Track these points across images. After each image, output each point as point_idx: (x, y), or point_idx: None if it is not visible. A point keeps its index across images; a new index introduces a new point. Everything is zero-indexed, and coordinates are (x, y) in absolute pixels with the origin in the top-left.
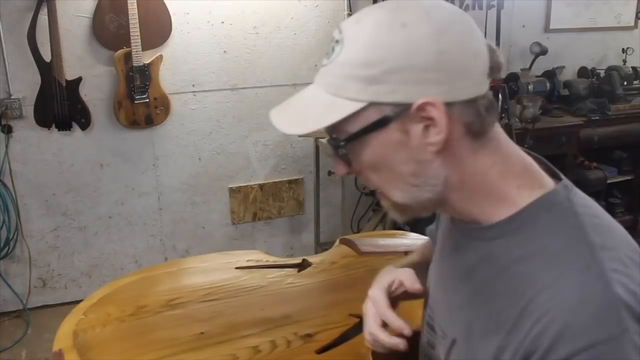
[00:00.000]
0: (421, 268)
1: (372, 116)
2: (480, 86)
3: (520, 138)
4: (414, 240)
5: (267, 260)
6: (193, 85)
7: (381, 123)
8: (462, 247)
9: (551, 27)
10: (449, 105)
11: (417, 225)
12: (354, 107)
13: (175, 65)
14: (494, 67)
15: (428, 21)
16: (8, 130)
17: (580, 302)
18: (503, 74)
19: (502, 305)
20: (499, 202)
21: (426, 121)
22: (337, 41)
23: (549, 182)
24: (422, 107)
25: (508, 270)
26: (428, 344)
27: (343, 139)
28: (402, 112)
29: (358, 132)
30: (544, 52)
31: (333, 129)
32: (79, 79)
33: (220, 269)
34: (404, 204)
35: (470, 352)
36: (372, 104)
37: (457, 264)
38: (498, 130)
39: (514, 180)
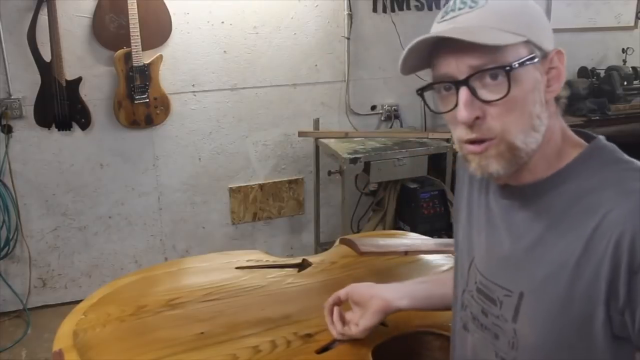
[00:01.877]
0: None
1: (524, 52)
2: None
3: None
4: (413, 240)
5: (267, 260)
6: (193, 85)
7: (531, 59)
8: (517, 208)
9: (551, 27)
10: None
11: (417, 226)
12: (518, 39)
13: (175, 65)
14: None
15: (535, 4)
16: (8, 130)
17: None
18: None
19: (568, 241)
20: (559, 159)
21: (551, 71)
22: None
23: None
24: (553, 57)
25: (570, 209)
26: (482, 313)
27: (509, 64)
28: (542, 56)
29: (521, 60)
30: None
31: (486, 62)
32: (79, 79)
33: (220, 269)
34: (519, 147)
35: (541, 299)
36: (528, 42)
37: (513, 225)
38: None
39: (570, 143)
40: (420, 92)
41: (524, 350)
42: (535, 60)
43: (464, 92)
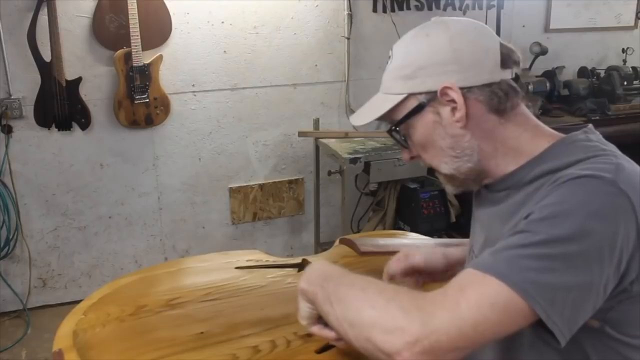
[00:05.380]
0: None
1: (412, 104)
2: (493, 74)
3: None
4: (413, 240)
5: (267, 260)
6: (193, 85)
7: (418, 108)
8: (503, 197)
9: (551, 27)
10: (467, 89)
11: (417, 226)
12: (398, 99)
13: (175, 65)
14: (505, 60)
15: (445, 30)
16: (8, 130)
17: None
18: (521, 66)
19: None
20: (528, 152)
21: (451, 104)
22: (389, 56)
23: None
24: (444, 91)
25: (536, 190)
26: None
27: (394, 124)
28: (432, 98)
29: (403, 117)
30: (544, 52)
31: (389, 121)
32: (79, 79)
33: (220, 269)
34: (451, 174)
35: None
36: (410, 95)
37: (499, 213)
38: (526, 111)
39: (544, 139)
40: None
41: None
42: (424, 107)
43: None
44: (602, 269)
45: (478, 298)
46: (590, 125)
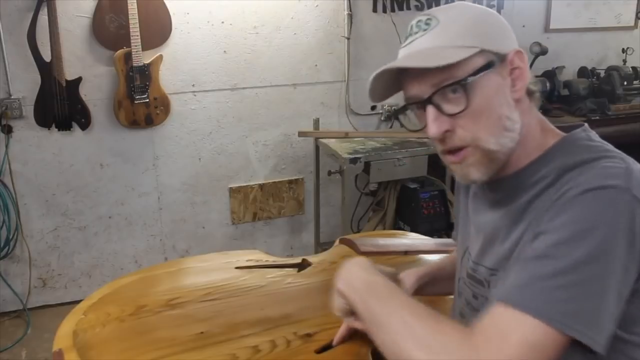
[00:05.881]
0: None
1: (480, 62)
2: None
3: None
4: (413, 240)
5: (266, 260)
6: (193, 85)
7: (488, 66)
8: (504, 197)
9: (551, 27)
10: None
11: (417, 226)
12: (471, 51)
13: (175, 65)
14: None
15: (488, 9)
16: (8, 130)
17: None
18: None
19: (534, 215)
20: (539, 149)
21: (513, 72)
22: (428, 20)
23: None
24: (515, 57)
25: (542, 190)
26: (473, 297)
27: (464, 78)
28: (500, 60)
29: (475, 71)
30: (544, 52)
31: (447, 77)
32: (79, 79)
33: (220, 269)
34: (494, 150)
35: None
36: (482, 51)
37: (504, 216)
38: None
39: (551, 134)
40: (395, 115)
41: None
42: (492, 66)
43: (430, 109)
44: (627, 276)
45: (521, 342)
46: (586, 125)
